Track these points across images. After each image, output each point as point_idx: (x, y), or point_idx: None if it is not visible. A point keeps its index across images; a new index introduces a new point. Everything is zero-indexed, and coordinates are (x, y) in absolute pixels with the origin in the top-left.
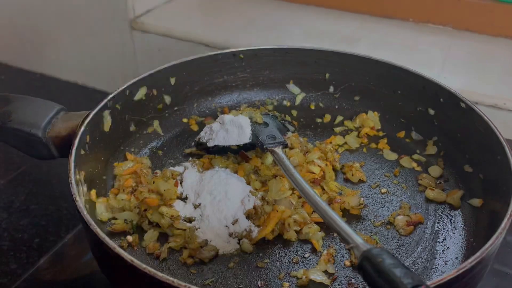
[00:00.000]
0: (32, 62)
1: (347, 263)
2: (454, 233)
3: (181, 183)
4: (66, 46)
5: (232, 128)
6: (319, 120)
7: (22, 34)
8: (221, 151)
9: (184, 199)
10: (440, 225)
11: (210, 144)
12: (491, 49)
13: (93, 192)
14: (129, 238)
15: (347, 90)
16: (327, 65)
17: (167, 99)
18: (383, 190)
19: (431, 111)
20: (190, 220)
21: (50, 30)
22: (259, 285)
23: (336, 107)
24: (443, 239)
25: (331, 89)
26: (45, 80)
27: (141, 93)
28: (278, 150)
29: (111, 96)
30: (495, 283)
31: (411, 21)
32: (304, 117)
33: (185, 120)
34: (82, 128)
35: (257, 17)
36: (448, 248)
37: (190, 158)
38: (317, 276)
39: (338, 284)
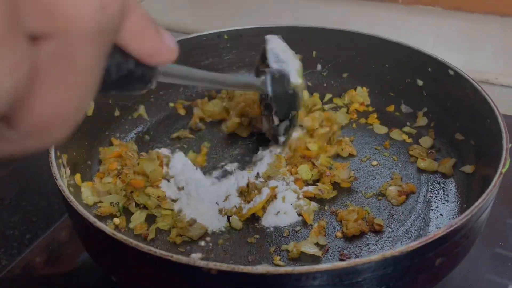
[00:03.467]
0: None
1: (339, 234)
2: (447, 200)
3: (167, 164)
4: None
5: (281, 60)
6: None
7: None
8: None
9: (170, 179)
10: (432, 194)
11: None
12: (482, 27)
13: (77, 176)
14: (116, 220)
15: (335, 67)
16: (313, 42)
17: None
18: (374, 162)
19: (420, 82)
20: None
21: None
22: (249, 260)
23: (324, 85)
24: (436, 207)
25: (319, 67)
26: None
27: None
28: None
29: None
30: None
31: (400, 3)
32: None
33: (171, 104)
34: None
35: (246, 5)
36: (441, 215)
37: (178, 143)
38: (309, 248)
39: (330, 255)
